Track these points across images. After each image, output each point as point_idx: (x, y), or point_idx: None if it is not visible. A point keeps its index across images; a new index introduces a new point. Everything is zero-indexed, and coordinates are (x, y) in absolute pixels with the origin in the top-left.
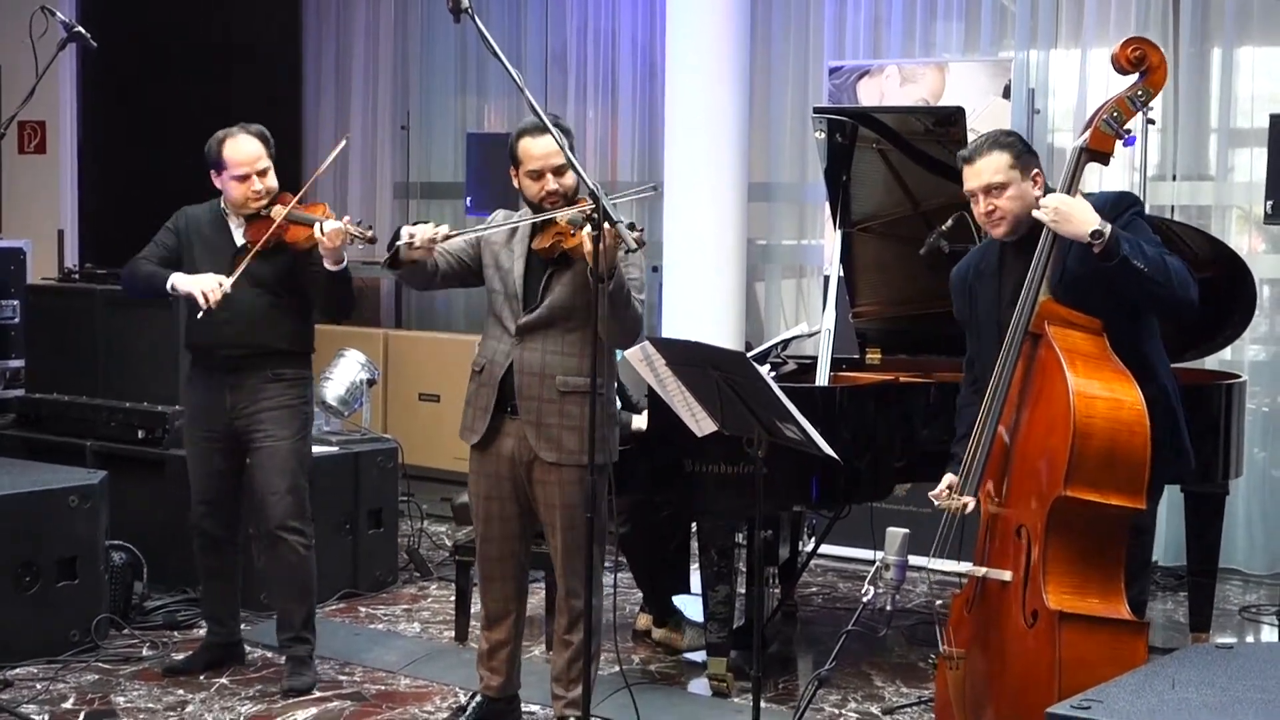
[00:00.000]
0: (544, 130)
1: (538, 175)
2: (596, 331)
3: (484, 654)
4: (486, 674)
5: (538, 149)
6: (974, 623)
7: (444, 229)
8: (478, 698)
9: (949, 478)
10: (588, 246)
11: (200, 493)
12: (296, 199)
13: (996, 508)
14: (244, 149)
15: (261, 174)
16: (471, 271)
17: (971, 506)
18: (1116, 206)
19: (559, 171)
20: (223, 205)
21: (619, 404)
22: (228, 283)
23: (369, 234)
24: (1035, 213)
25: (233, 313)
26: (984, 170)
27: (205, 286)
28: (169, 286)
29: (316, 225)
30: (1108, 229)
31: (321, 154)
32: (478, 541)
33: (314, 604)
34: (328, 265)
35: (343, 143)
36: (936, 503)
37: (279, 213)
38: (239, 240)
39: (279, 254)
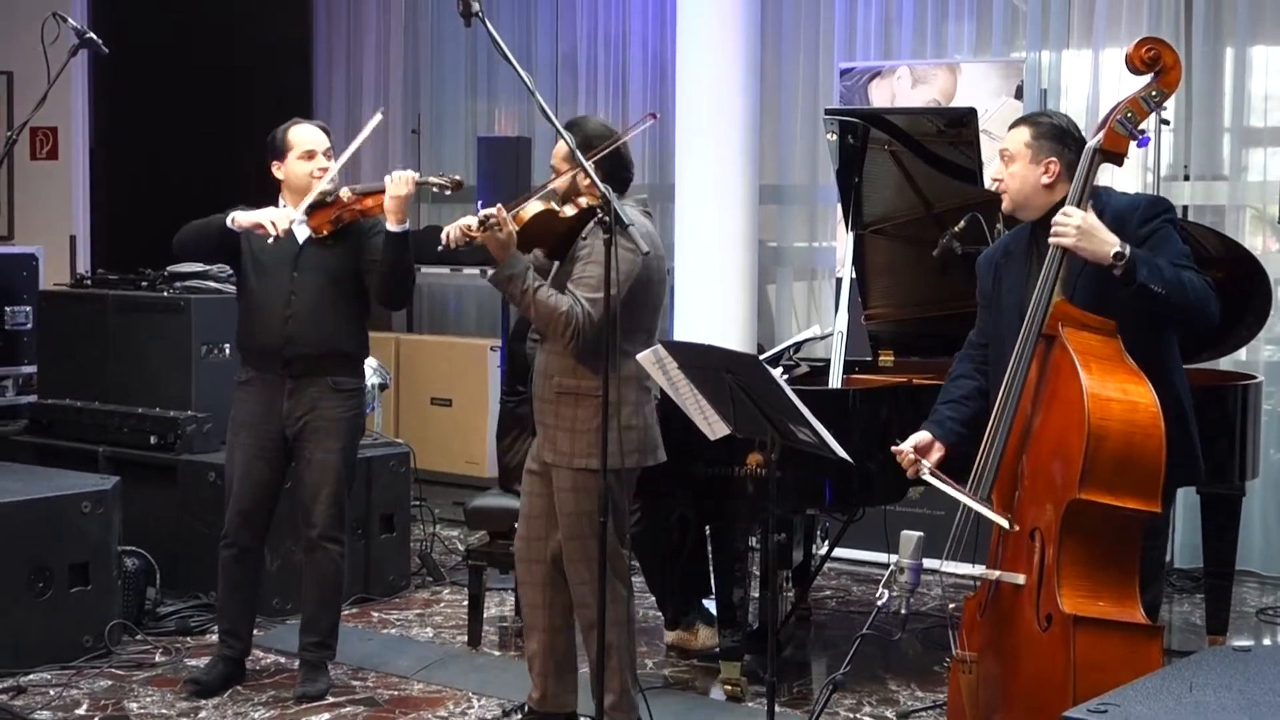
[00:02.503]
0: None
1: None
2: (612, 335)
3: (527, 661)
4: (533, 680)
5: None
6: (987, 626)
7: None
8: (524, 707)
9: (922, 435)
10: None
11: (238, 501)
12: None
13: (1010, 510)
14: (310, 130)
15: (326, 153)
16: None
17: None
18: (1148, 211)
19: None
20: (282, 201)
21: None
22: (298, 213)
23: (456, 178)
24: (1053, 235)
25: (299, 308)
26: (1007, 136)
27: (273, 216)
28: (229, 221)
29: (386, 179)
30: (1128, 250)
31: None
32: (515, 540)
33: (339, 612)
34: (390, 225)
35: (377, 117)
36: (898, 458)
37: (346, 194)
38: (301, 235)
39: (345, 239)
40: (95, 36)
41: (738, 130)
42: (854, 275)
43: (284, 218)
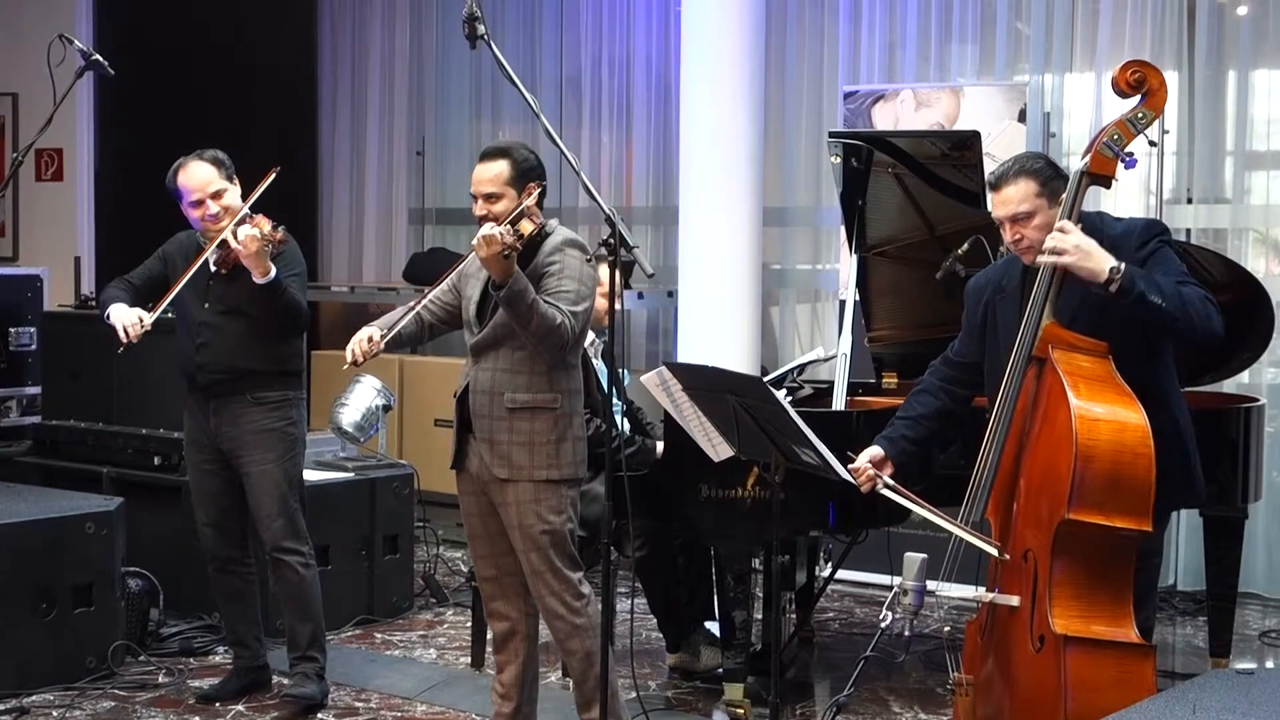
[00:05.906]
0: (489, 156)
1: (474, 199)
2: (613, 349)
3: (495, 679)
4: (497, 700)
5: (476, 174)
6: (987, 649)
7: (375, 333)
8: None
9: (875, 450)
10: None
11: (203, 515)
12: (237, 220)
13: (1007, 533)
14: (193, 175)
15: (215, 196)
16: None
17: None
18: (1144, 234)
19: (490, 198)
20: (199, 233)
21: (627, 426)
22: (149, 319)
23: (277, 235)
24: (1046, 253)
25: (208, 338)
26: (1010, 198)
27: (127, 321)
28: (105, 316)
29: (229, 232)
30: (1123, 265)
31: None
32: (473, 562)
33: (320, 624)
34: (255, 278)
35: (272, 175)
36: (854, 477)
37: (230, 240)
38: (213, 266)
39: (244, 274)
40: (101, 58)
41: (741, 153)
42: (858, 297)
43: (135, 325)
